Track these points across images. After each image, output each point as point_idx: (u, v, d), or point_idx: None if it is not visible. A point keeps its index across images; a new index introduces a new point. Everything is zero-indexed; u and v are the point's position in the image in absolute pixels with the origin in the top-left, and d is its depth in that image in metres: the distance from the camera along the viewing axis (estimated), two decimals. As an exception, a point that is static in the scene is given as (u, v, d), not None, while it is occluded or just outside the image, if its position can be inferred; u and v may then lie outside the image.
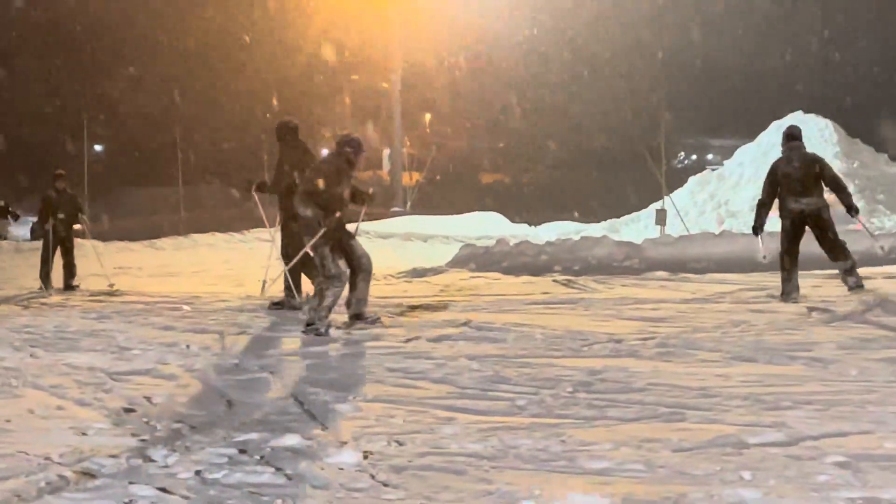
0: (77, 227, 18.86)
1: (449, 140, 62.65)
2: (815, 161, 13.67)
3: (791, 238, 13.50)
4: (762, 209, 13.92)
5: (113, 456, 6.14)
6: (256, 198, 14.56)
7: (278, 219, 14.47)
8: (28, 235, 34.34)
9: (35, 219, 23.52)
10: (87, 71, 62.17)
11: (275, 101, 61.34)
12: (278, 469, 5.82)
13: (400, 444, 6.33)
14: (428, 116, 62.27)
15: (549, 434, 6.49)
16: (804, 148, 13.98)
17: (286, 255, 13.98)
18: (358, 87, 60.16)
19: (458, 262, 19.78)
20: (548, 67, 58.05)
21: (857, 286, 13.35)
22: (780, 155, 13.96)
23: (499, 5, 52.99)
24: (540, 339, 10.43)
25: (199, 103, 62.48)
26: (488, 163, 65.81)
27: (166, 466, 5.94)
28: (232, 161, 63.80)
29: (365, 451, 6.14)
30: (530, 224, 38.42)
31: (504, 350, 9.78)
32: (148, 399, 7.89)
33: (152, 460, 6.07)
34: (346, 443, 6.36)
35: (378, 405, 7.47)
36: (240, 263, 23.76)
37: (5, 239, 29.23)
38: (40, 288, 18.19)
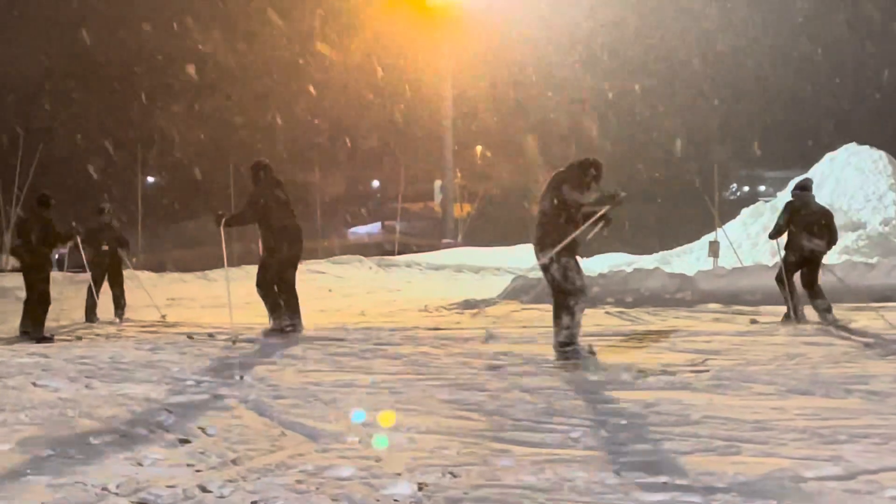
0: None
1: (500, 171, 62.69)
2: (826, 213, 15.53)
3: (792, 271, 15.28)
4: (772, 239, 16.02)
5: (170, 486, 6.18)
6: (223, 233, 14.80)
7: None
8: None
9: (64, 250, 23.63)
10: (142, 104, 62.75)
11: (326, 133, 61.76)
12: (334, 500, 5.84)
13: (455, 475, 6.33)
14: (479, 148, 62.37)
15: (604, 467, 6.46)
16: (815, 198, 15.95)
17: (262, 284, 14.96)
18: (410, 118, 60.39)
19: (510, 294, 19.76)
20: (598, 99, 58.01)
21: (835, 320, 14.79)
22: (800, 193, 15.80)
23: (550, 36, 53.03)
24: (593, 370, 10.40)
25: (251, 135, 62.91)
26: (540, 194, 65.67)
27: (222, 497, 5.97)
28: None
29: (420, 483, 6.14)
30: (582, 256, 38.37)
31: (557, 382, 9.75)
32: (203, 430, 7.93)
33: (208, 491, 6.10)
34: (400, 474, 6.36)
35: (432, 436, 7.47)
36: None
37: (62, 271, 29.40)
38: (89, 319, 18.32)
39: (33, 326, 15.25)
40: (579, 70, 56.89)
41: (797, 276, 15.33)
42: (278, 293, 15.06)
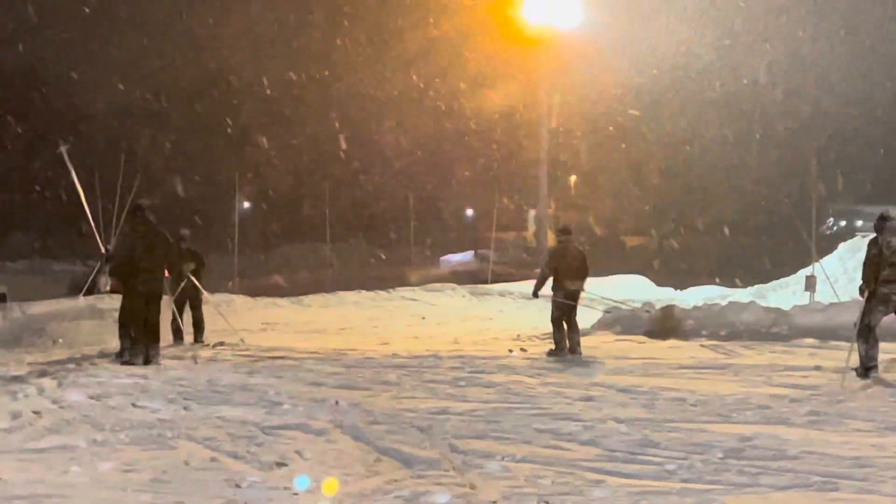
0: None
1: (593, 202, 62.58)
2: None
3: (878, 316, 13.07)
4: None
5: (268, 508, 6.26)
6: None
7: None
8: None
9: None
10: (238, 130, 63.56)
11: (420, 160, 62.06)
12: (430, 526, 5.88)
13: (550, 505, 6.35)
14: (573, 178, 62.30)
15: (700, 500, 6.45)
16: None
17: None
18: (505, 149, 60.49)
19: (603, 325, 19.67)
20: (695, 131, 57.68)
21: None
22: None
23: (644, 66, 52.84)
24: (689, 403, 10.34)
25: (347, 162, 63.38)
26: (633, 225, 65.53)
27: (320, 520, 6.04)
28: (379, 218, 64.56)
29: (515, 511, 6.17)
30: (675, 288, 38.02)
31: (652, 414, 9.71)
32: (299, 453, 8.01)
33: (306, 514, 6.18)
34: (496, 502, 6.38)
35: (527, 465, 7.49)
36: (386, 321, 23.93)
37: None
38: (175, 342, 18.55)
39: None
40: (674, 98, 56.62)
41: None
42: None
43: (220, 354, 16.35)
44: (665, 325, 18.19)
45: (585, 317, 22.31)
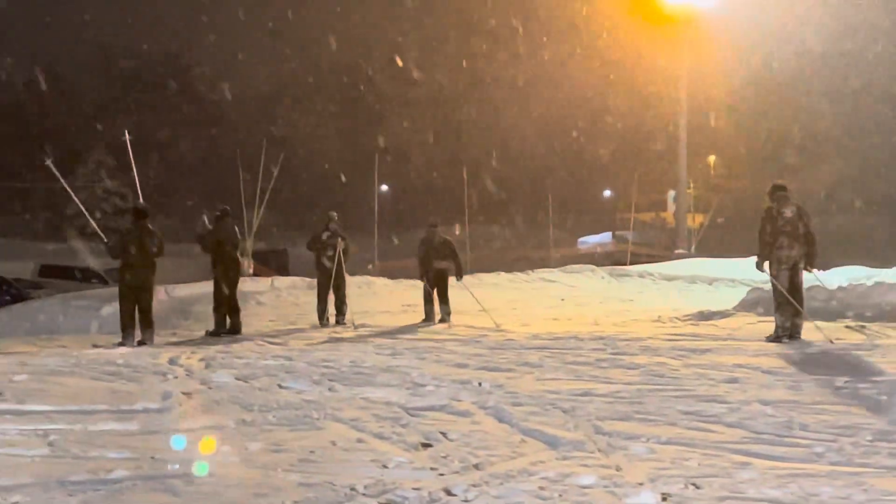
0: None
1: (733, 181, 61.81)
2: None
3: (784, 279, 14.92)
4: None
5: (415, 489, 6.32)
6: None
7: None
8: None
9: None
10: (378, 113, 64.08)
11: (559, 143, 61.90)
12: (578, 508, 5.88)
13: (697, 487, 6.30)
14: (712, 158, 61.61)
15: (850, 482, 6.34)
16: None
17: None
18: (643, 128, 60.03)
19: (745, 306, 19.37)
20: (841, 108, 56.55)
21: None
22: None
23: (785, 44, 51.98)
24: (835, 385, 10.16)
25: (484, 145, 63.49)
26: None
27: (467, 501, 6.09)
28: (517, 202, 64.55)
29: (663, 493, 6.14)
30: (818, 268, 37.40)
31: (799, 396, 9.56)
32: (444, 434, 8.06)
33: (453, 494, 6.22)
34: (642, 484, 6.36)
35: (672, 447, 7.44)
36: (525, 303, 23.93)
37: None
38: (323, 323, 18.81)
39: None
40: (818, 75, 55.56)
41: None
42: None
43: (362, 335, 16.52)
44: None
45: (727, 297, 22.09)
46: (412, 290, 26.13)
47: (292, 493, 6.28)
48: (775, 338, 14.28)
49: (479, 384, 10.61)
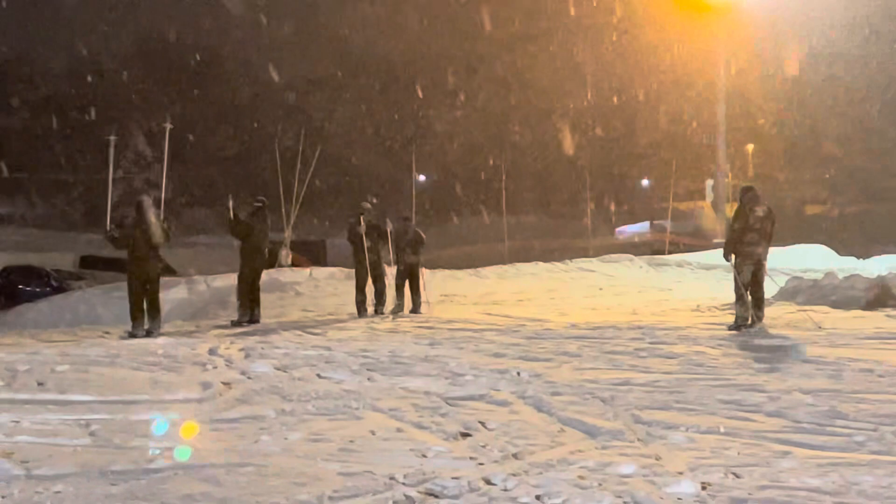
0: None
1: (772, 171, 61.42)
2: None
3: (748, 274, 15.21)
4: None
5: (454, 478, 6.33)
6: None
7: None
8: None
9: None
10: (415, 103, 64.05)
11: (598, 131, 61.71)
12: (617, 496, 5.88)
13: (737, 476, 6.28)
14: (751, 147, 61.25)
15: (892, 471, 6.32)
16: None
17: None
18: (681, 117, 59.76)
19: (784, 295, 19.27)
20: (878, 95, 56.10)
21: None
22: None
23: (822, 32, 51.62)
24: (876, 374, 10.09)
25: (523, 135, 63.40)
26: (813, 194, 64.20)
27: (506, 490, 6.09)
28: (554, 191, 64.46)
29: (703, 483, 6.12)
30: (858, 257, 37.12)
31: (839, 385, 9.50)
32: (483, 424, 8.07)
33: (492, 483, 6.23)
34: (682, 473, 6.35)
35: (712, 437, 7.42)
36: (563, 293, 23.90)
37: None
38: (361, 313, 18.86)
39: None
40: (857, 64, 55.13)
41: None
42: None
43: (400, 326, 16.55)
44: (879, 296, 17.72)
45: (766, 287, 21.97)
46: (450, 281, 26.20)
47: (332, 483, 6.31)
48: (736, 327, 14.65)
49: (518, 374, 10.63)
